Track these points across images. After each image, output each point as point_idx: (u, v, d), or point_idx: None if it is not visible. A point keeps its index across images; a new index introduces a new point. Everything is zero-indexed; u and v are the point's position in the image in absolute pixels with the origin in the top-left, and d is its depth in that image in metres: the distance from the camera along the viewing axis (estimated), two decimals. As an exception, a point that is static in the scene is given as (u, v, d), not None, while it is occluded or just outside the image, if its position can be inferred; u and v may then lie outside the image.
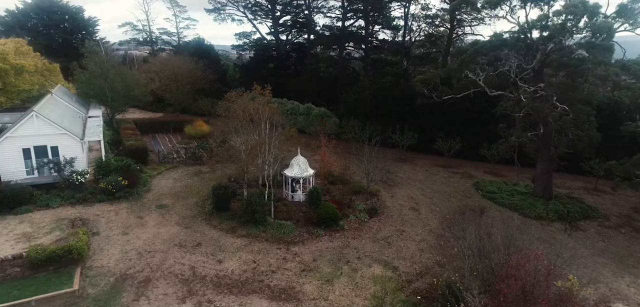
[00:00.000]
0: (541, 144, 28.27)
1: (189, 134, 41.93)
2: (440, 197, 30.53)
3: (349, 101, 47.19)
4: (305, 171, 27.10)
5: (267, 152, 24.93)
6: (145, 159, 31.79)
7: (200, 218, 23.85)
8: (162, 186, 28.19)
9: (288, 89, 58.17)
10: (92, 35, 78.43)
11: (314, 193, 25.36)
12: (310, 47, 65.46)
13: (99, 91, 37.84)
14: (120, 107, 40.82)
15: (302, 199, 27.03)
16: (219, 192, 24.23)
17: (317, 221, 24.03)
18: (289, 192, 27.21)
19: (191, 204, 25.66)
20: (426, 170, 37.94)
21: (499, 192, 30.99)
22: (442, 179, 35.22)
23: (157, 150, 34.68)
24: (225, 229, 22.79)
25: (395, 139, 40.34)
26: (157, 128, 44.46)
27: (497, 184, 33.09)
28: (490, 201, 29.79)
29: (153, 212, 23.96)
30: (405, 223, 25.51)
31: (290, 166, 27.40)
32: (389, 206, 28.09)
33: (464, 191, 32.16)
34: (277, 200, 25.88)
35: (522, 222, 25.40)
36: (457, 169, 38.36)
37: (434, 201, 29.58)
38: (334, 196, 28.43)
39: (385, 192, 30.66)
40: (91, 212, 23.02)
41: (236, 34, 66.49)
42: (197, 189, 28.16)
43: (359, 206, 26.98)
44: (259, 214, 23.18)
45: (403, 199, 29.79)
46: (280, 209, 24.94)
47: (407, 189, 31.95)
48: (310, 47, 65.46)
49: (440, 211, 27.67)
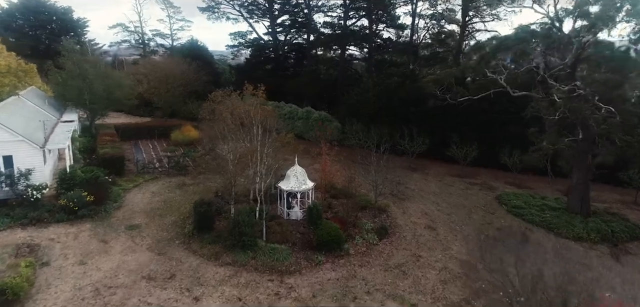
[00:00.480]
0: (579, 151, 24.54)
1: (175, 140, 38.32)
2: (459, 213, 26.82)
3: (351, 102, 43.62)
4: (304, 184, 23.44)
5: (259, 161, 21.27)
6: (121, 169, 28.19)
7: (178, 241, 20.16)
8: (137, 202, 24.51)
9: (286, 92, 54.74)
10: (81, 36, 75.46)
11: (313, 210, 21.67)
12: (309, 48, 62.03)
13: (76, 93, 34.31)
14: (100, 111, 37.24)
15: (299, 217, 23.37)
16: (201, 210, 20.57)
17: (317, 245, 20.35)
18: (285, 209, 23.53)
19: (169, 223, 21.98)
20: (440, 180, 34.25)
21: (526, 207, 27.25)
22: (458, 191, 31.51)
23: (137, 159, 31.05)
24: (207, 255, 19.10)
25: (404, 146, 36.66)
26: (142, 134, 40.91)
27: (523, 197, 29.35)
28: (517, 218, 26.06)
29: (121, 234, 20.25)
30: (421, 246, 21.78)
31: (286, 178, 23.74)
32: (400, 224, 24.39)
33: (485, 206, 28.44)
34: (270, 218, 22.19)
35: (561, 245, 21.77)
36: (475, 179, 34.65)
37: (453, 218, 25.86)
38: (336, 212, 24.75)
39: (396, 208, 26.98)
40: (44, 236, 19.34)
41: (231, 33, 63.23)
42: (178, 204, 24.48)
43: (367, 225, 23.30)
44: (247, 237, 19.49)
45: (416, 215, 26.08)
46: (274, 229, 21.26)
47: (420, 203, 28.25)
48: (309, 48, 62.03)
49: (461, 230, 23.98)
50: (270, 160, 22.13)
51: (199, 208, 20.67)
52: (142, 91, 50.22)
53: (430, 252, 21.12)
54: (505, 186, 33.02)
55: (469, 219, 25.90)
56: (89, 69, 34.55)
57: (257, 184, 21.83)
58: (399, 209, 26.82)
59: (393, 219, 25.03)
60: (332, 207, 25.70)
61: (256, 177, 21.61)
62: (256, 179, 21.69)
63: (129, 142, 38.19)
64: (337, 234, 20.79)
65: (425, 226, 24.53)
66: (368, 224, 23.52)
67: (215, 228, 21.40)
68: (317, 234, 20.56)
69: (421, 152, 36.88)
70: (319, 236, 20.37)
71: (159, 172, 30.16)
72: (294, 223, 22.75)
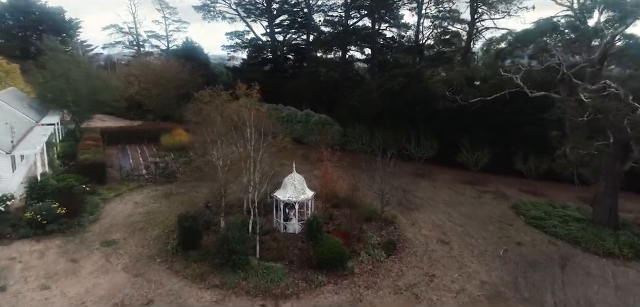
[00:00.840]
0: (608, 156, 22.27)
1: (165, 145, 36.07)
2: (474, 224, 24.52)
3: (353, 104, 41.42)
4: (302, 193, 21.19)
5: (252, 168, 19.00)
6: (102, 177, 25.94)
7: (159, 260, 17.85)
8: (117, 213, 22.21)
9: (284, 94, 52.60)
10: (73, 38, 73.46)
11: (313, 224, 19.38)
12: (309, 49, 59.90)
13: (58, 94, 32.07)
14: (84, 114, 34.98)
15: (297, 230, 21.11)
16: (186, 225, 18.28)
17: (317, 263, 18.10)
18: (281, 221, 21.25)
19: (151, 238, 19.68)
20: (449, 187, 31.96)
21: (547, 217, 24.95)
22: (470, 200, 29.22)
23: (121, 165, 28.76)
24: (192, 276, 16.82)
25: (411, 150, 34.38)
26: (130, 138, 38.65)
27: (541, 206, 27.06)
28: (538, 231, 23.74)
29: (95, 252, 17.93)
30: (434, 263, 19.47)
31: (283, 187, 21.49)
32: (410, 238, 22.11)
33: (501, 216, 26.14)
34: (265, 232, 19.92)
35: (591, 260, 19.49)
36: (486, 187, 32.35)
37: (467, 230, 23.55)
38: (339, 224, 22.48)
39: (404, 218, 24.73)
40: (4, 255, 17.03)
41: (227, 33, 61.00)
42: (163, 216, 22.18)
43: (372, 239, 21.05)
44: (238, 255, 17.21)
45: (427, 227, 23.80)
46: (269, 245, 18.98)
47: (429, 214, 25.98)
48: (309, 49, 59.90)
49: (477, 245, 21.69)
50: (265, 167, 19.91)
51: (183, 222, 18.40)
52: (133, 93, 48.13)
53: (444, 271, 18.82)
54: (520, 194, 30.72)
55: (484, 231, 23.59)
56: (72, 68, 32.31)
57: (250, 193, 19.56)
58: (407, 220, 24.56)
59: (401, 231, 22.77)
60: (333, 218, 23.47)
61: (249, 186, 19.34)
62: (249, 188, 19.42)
63: (115, 147, 35.98)
64: (340, 251, 18.53)
65: (437, 239, 22.23)
66: (374, 237, 21.29)
67: (203, 244, 19.13)
68: (317, 251, 18.31)
69: (428, 158, 34.59)
70: (319, 253, 18.12)
71: (145, 179, 27.88)
72: (292, 237, 20.50)
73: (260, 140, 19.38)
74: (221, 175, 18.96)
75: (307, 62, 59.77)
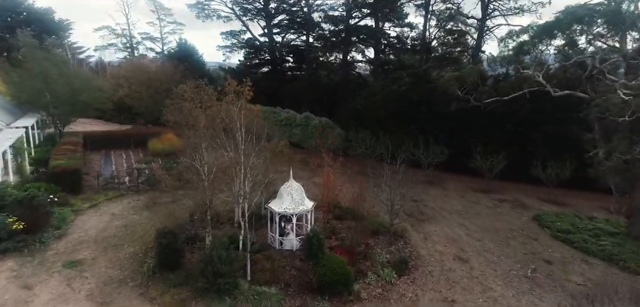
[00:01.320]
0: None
1: (154, 149, 33.55)
2: (494, 238, 22.02)
3: (356, 107, 39.00)
4: (301, 204, 18.67)
5: (242, 176, 16.47)
6: (77, 186, 23.43)
7: (132, 284, 15.30)
8: (90, 227, 19.66)
9: (283, 96, 50.28)
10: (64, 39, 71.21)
11: (313, 240, 16.89)
12: (309, 50, 57.57)
13: (34, 94, 29.59)
14: (64, 116, 32.47)
15: (295, 246, 18.59)
16: (164, 242, 15.74)
17: (318, 286, 15.68)
18: (276, 236, 18.72)
19: (125, 257, 17.12)
20: (462, 196, 29.49)
21: (575, 231, 22.45)
22: (486, 210, 26.72)
23: (99, 172, 26.17)
24: (170, 304, 14.33)
25: (419, 155, 31.88)
26: (116, 143, 36.14)
27: (567, 218, 24.58)
28: (567, 246, 21.23)
29: (55, 275, 15.35)
30: (453, 286, 16.94)
31: (279, 197, 19.00)
32: (423, 255, 19.60)
33: (523, 228, 23.63)
34: (258, 249, 17.39)
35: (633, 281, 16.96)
36: (503, 195, 29.88)
37: (487, 245, 21.03)
38: (342, 239, 19.97)
39: (415, 232, 22.26)
40: (-57, 281, 14.47)
41: (222, 32, 58.64)
42: (142, 230, 19.66)
43: (381, 256, 18.57)
44: (225, 278, 14.68)
45: (441, 242, 21.30)
46: (262, 265, 16.45)
47: (443, 226, 23.50)
48: (309, 50, 57.57)
49: (500, 262, 19.16)
50: (258, 174, 17.42)
51: (161, 239, 15.85)
52: (123, 96, 45.71)
53: (466, 295, 16.29)
54: (540, 204, 28.24)
55: (506, 246, 21.07)
56: (50, 67, 29.82)
57: (241, 204, 17.02)
58: (419, 234, 22.08)
59: (413, 247, 20.28)
60: (336, 232, 20.97)
61: (239, 196, 16.80)
62: (239, 198, 16.89)
63: (98, 152, 33.46)
64: (344, 272, 16.02)
65: (454, 256, 19.70)
66: (383, 254, 18.81)
67: (185, 264, 16.63)
68: (317, 272, 15.84)
69: (438, 163, 32.12)
70: (320, 275, 15.64)
71: (127, 188, 25.35)
72: (289, 255, 17.99)
73: (252, 143, 16.89)
74: (206, 183, 16.44)
75: (307, 64, 57.43)
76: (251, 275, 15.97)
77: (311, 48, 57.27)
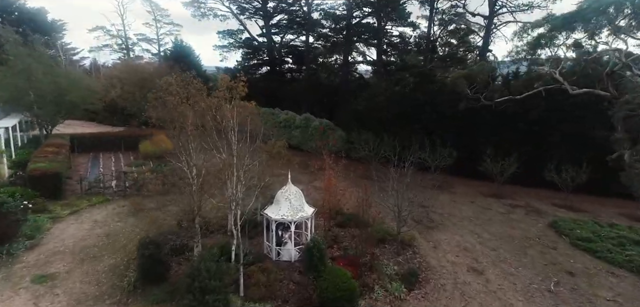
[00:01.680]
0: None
1: (145, 152, 31.96)
2: (509, 247, 20.41)
3: (359, 108, 37.48)
4: (300, 210, 17.08)
5: (235, 180, 14.88)
6: (57, 190, 21.82)
7: (109, 301, 13.68)
8: (68, 236, 18.02)
9: (282, 98, 48.92)
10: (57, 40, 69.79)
11: (313, 251, 15.31)
12: (308, 51, 56.15)
13: (16, 93, 28.01)
14: (49, 117, 30.86)
15: (294, 257, 17.00)
16: (146, 253, 14.13)
17: (319, 302, 14.12)
18: (273, 246, 17.11)
19: (103, 270, 15.49)
20: (472, 201, 27.90)
21: (597, 239, 20.86)
22: (499, 216, 25.11)
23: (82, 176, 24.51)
24: (151, 324, 12.64)
25: (425, 158, 30.24)
26: (106, 145, 34.56)
27: (586, 225, 22.97)
28: (589, 256, 19.61)
29: (22, 291, 13.70)
30: (469, 302, 15.33)
31: (276, 202, 17.40)
32: (434, 266, 18.00)
33: (539, 236, 22.02)
34: (252, 261, 15.75)
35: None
36: (515, 200, 28.33)
37: (502, 255, 19.41)
38: (346, 249, 18.42)
39: (424, 240, 20.67)
40: None
41: (219, 32, 57.22)
42: (125, 239, 18.03)
43: (388, 268, 17.01)
44: (214, 295, 13.05)
45: (453, 251, 19.69)
46: (257, 279, 14.83)
47: (453, 234, 21.92)
48: (308, 51, 56.15)
49: (519, 274, 17.55)
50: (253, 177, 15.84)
51: (144, 249, 14.23)
52: (115, 96, 44.17)
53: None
54: (555, 209, 26.63)
55: (523, 256, 19.46)
56: (33, 64, 28.25)
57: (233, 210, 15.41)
58: (428, 243, 20.48)
59: (423, 257, 18.68)
60: (338, 240, 19.41)
61: (232, 202, 15.19)
62: (232, 204, 15.28)
63: (86, 155, 31.89)
64: (349, 286, 14.43)
65: (467, 267, 18.08)
66: (390, 266, 17.24)
67: (171, 277, 15.02)
68: (319, 287, 14.28)
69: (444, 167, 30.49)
70: (322, 290, 14.07)
71: (114, 192, 23.73)
72: (286, 267, 16.40)
73: (247, 143, 15.31)
74: (194, 188, 14.87)
75: (307, 65, 56.00)
76: (244, 290, 14.39)
77: (311, 49, 55.90)
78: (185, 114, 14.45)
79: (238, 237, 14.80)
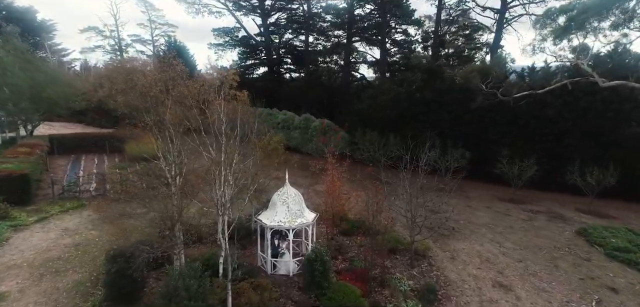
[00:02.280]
0: None
1: (131, 153, 29.62)
2: (537, 258, 18.12)
3: (362, 108, 35.30)
4: (300, 216, 14.79)
5: (222, 182, 12.59)
6: (25, 194, 19.54)
7: (68, 327, 11.30)
8: (28, 247, 15.67)
9: (280, 99, 46.86)
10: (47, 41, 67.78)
11: (315, 264, 13.00)
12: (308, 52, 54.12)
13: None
14: (26, 115, 28.56)
15: (292, 271, 14.71)
16: (113, 269, 11.81)
17: (323, 327, 11.77)
18: (268, 257, 14.81)
19: (65, 288, 13.16)
20: (488, 206, 25.65)
21: (637, 250, 18.56)
22: (520, 223, 22.82)
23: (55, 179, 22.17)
24: (116, 356, 10.30)
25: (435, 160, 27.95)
26: (91, 146, 32.30)
27: (619, 232, 20.75)
28: (630, 268, 17.31)
29: (-41, 316, 11.39)
30: (500, 324, 12.98)
31: (272, 206, 15.13)
32: (453, 280, 15.71)
33: (568, 245, 19.72)
34: (242, 276, 13.32)
35: None
36: (534, 205, 26.07)
37: (531, 268, 17.10)
38: (352, 260, 16.17)
39: (440, 250, 18.42)
40: None
41: (214, 29, 55.12)
42: (97, 250, 15.72)
43: (402, 283, 14.71)
44: (195, 319, 10.76)
45: (473, 262, 17.39)
46: (248, 297, 12.55)
47: (472, 242, 19.63)
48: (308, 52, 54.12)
49: (552, 291, 15.28)
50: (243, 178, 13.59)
51: (111, 264, 11.92)
52: (103, 96, 41.99)
53: (520, 339, 12.32)
54: (580, 216, 24.34)
55: (555, 269, 17.14)
56: (5, 57, 25.97)
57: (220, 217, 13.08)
58: (444, 252, 18.20)
59: (440, 270, 16.42)
60: (343, 250, 17.14)
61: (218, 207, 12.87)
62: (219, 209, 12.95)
63: (68, 156, 29.58)
64: (358, 306, 12.17)
65: (493, 282, 15.77)
66: (404, 280, 14.94)
67: (146, 295, 12.69)
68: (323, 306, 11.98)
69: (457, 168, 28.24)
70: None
71: (92, 197, 21.41)
72: (284, 283, 14.12)
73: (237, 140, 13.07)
74: (173, 189, 12.62)
75: (306, 65, 53.93)
76: (233, 311, 12.06)
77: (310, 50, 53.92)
78: (161, 100, 12.20)
79: (226, 248, 12.49)
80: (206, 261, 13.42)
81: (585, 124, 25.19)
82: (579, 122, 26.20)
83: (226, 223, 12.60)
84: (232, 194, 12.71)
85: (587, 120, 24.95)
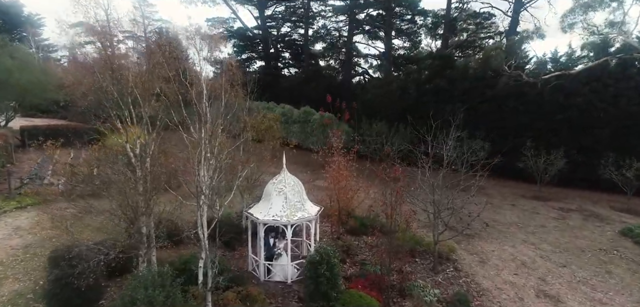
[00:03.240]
0: None
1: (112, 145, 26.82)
2: (583, 262, 15.43)
3: (368, 99, 32.67)
4: (300, 209, 12.04)
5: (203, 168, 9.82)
6: (-26, 188, 16.72)
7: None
8: (-33, 249, 12.87)
9: (278, 93, 44.22)
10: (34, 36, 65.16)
11: (320, 268, 10.20)
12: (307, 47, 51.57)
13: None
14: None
15: (291, 277, 11.94)
16: (52, 277, 9.06)
17: (331, 351, 9.01)
18: (261, 260, 12.02)
19: (0, 301, 10.36)
20: (513, 204, 23.01)
21: (698, 250, 15.80)
22: (552, 222, 20.12)
23: (10, 171, 19.38)
24: None
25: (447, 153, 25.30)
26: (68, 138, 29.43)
27: (673, 232, 17.93)
28: (697, 272, 14.56)
29: None
30: (557, 346, 10.20)
31: (266, 197, 12.38)
32: (487, 289, 13.00)
33: (613, 247, 17.04)
34: (226, 286, 10.47)
35: None
36: (563, 203, 23.48)
37: (578, 274, 14.37)
38: (363, 264, 13.41)
39: (466, 252, 15.77)
40: None
41: (208, 19, 52.52)
42: (51, 252, 12.84)
43: (427, 292, 12.04)
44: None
45: (508, 267, 14.69)
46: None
47: (502, 243, 16.95)
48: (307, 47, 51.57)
49: (611, 302, 12.52)
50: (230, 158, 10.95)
51: (52, 269, 9.15)
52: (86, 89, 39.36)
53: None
54: (619, 215, 21.66)
55: (609, 275, 14.43)
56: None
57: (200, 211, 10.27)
58: (471, 256, 15.51)
59: (469, 276, 13.72)
60: (352, 252, 14.42)
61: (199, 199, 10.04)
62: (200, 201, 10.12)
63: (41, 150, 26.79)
64: (376, 324, 9.45)
65: (536, 291, 13.03)
66: (428, 289, 12.22)
67: None
68: (330, 326, 9.20)
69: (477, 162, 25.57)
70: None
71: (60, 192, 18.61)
72: (281, 291, 11.41)
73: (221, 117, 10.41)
74: (139, 173, 9.95)
75: (305, 58, 51.37)
76: (214, 330, 9.33)
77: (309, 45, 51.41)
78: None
79: (206, 248, 9.73)
80: (182, 265, 10.67)
81: (614, 112, 22.53)
82: (608, 108, 23.53)
83: (206, 216, 9.87)
84: (215, 178, 9.99)
85: (619, 108, 22.26)
